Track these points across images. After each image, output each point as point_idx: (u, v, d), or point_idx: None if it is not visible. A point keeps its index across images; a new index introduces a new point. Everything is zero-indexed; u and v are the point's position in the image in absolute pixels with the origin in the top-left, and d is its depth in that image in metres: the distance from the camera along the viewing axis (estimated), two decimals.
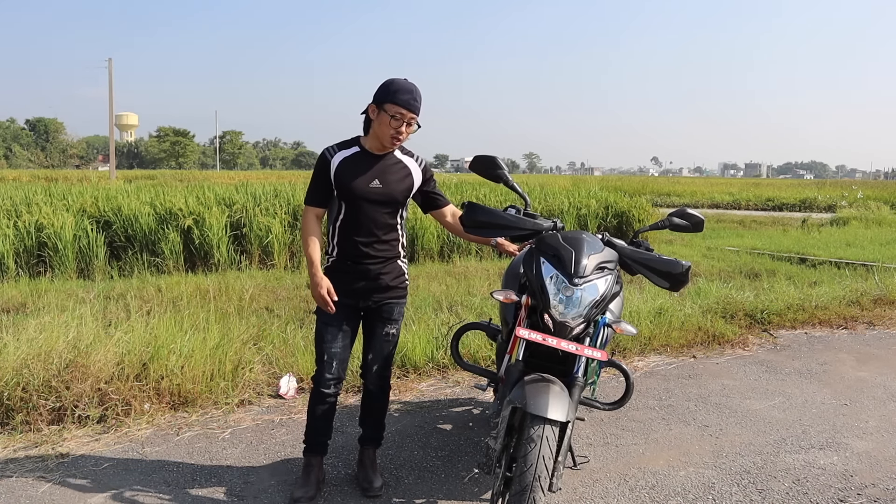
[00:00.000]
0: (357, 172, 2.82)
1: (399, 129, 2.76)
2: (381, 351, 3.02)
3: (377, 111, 2.77)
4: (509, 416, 2.49)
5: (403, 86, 2.74)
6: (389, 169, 2.87)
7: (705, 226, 3.07)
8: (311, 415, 3.00)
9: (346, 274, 2.90)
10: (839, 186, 35.17)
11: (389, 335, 3.02)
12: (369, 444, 3.15)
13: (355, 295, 2.92)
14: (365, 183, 2.82)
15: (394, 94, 2.73)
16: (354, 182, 2.81)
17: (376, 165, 2.85)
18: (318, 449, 3.03)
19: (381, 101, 2.75)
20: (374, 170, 2.84)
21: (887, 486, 3.21)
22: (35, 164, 78.33)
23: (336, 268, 2.93)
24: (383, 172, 2.85)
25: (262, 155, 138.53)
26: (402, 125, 2.76)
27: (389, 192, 2.86)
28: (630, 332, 2.76)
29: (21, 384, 3.62)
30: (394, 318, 3.01)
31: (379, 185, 2.84)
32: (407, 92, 2.73)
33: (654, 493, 3.09)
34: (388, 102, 2.73)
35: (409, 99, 2.73)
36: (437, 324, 5.33)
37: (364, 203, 2.83)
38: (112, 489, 3.01)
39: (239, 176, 38.46)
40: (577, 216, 12.58)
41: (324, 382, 2.93)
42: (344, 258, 2.91)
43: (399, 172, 2.90)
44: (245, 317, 5.30)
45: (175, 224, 9.66)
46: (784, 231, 15.66)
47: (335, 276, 2.91)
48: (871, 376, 4.86)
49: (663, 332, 5.52)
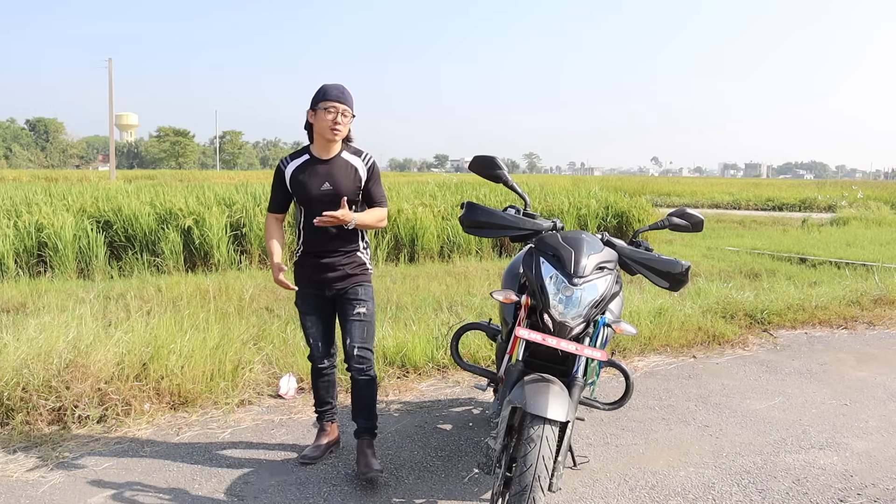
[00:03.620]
0: (308, 178, 3.12)
1: (335, 121, 3.04)
2: (355, 332, 3.17)
3: (314, 114, 3.08)
4: (509, 416, 2.49)
5: (331, 85, 3.09)
6: (337, 171, 3.13)
7: (705, 226, 3.07)
8: (315, 388, 3.42)
9: (310, 267, 3.22)
10: (839, 186, 35.13)
11: (360, 314, 3.19)
12: (364, 435, 3.26)
13: (321, 285, 3.22)
14: (316, 186, 3.10)
15: (324, 94, 3.06)
16: (307, 187, 3.11)
17: (325, 169, 3.13)
18: (326, 415, 3.43)
19: (314, 103, 3.08)
20: (324, 174, 3.12)
21: (887, 486, 3.21)
22: (35, 164, 78.44)
23: (302, 262, 3.25)
24: (332, 175, 3.12)
25: (262, 155, 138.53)
26: (337, 116, 3.04)
27: (339, 193, 3.09)
28: (630, 332, 2.76)
29: (21, 384, 3.62)
30: (360, 298, 3.21)
31: (329, 187, 3.10)
32: (335, 88, 3.07)
33: (654, 493, 3.09)
34: (321, 101, 3.05)
35: (337, 94, 3.06)
36: (437, 324, 5.33)
37: (318, 205, 3.08)
38: (112, 489, 3.02)
39: (239, 176, 38.47)
40: (577, 216, 12.57)
41: (316, 359, 3.35)
42: (308, 255, 3.21)
43: (347, 173, 3.14)
44: (245, 317, 5.30)
45: (175, 224, 9.66)
46: (784, 231, 15.66)
47: (302, 269, 3.25)
48: (871, 376, 4.86)
49: (663, 332, 5.52)
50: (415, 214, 10.84)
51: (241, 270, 9.31)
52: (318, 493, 3.02)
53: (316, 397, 3.43)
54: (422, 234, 10.60)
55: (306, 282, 3.24)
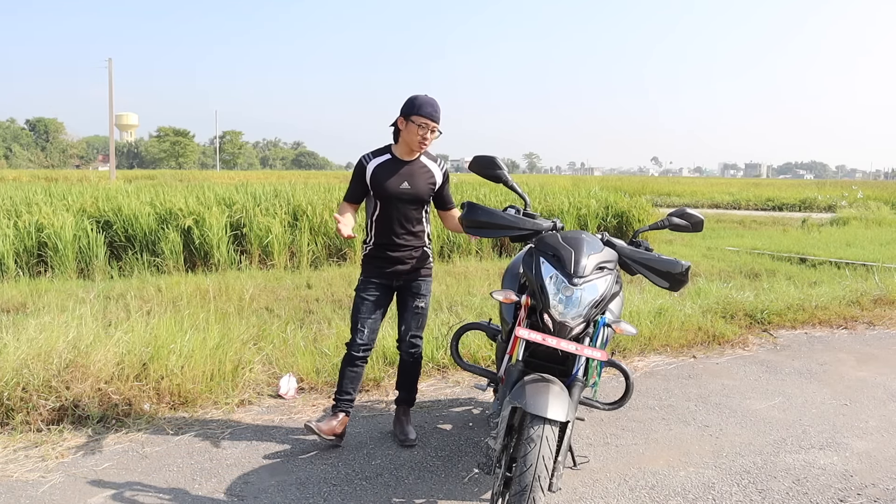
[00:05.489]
0: (389, 176, 3.34)
1: (424, 136, 3.29)
2: (411, 322, 3.51)
3: (405, 122, 3.29)
4: (509, 416, 2.49)
5: (426, 101, 3.29)
6: (417, 172, 3.39)
7: (705, 226, 3.07)
8: (341, 375, 3.47)
9: (381, 259, 3.44)
10: (839, 186, 35.12)
11: (419, 307, 3.51)
12: (403, 403, 3.65)
13: (389, 276, 3.45)
14: (396, 185, 3.34)
15: (419, 108, 3.26)
16: (388, 184, 3.33)
17: (405, 170, 3.37)
18: (342, 404, 3.48)
19: (408, 114, 3.28)
20: (404, 173, 3.36)
21: (887, 486, 3.21)
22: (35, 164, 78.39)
23: (373, 254, 3.46)
24: (412, 176, 3.37)
25: (262, 155, 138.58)
26: (428, 133, 3.29)
27: (417, 193, 3.37)
28: (630, 332, 2.76)
29: (21, 384, 3.62)
30: (422, 293, 3.51)
31: (408, 186, 3.35)
32: (429, 105, 3.28)
33: (654, 493, 3.09)
34: (415, 115, 3.26)
35: (431, 111, 3.27)
36: (437, 324, 5.33)
37: (396, 202, 3.36)
38: (112, 489, 3.02)
39: (239, 176, 38.49)
40: (577, 216, 12.56)
41: (355, 347, 3.42)
42: (380, 247, 3.43)
43: (425, 175, 3.41)
44: (245, 317, 5.30)
45: (175, 224, 9.65)
46: (784, 231, 15.66)
47: (373, 261, 3.46)
48: (871, 376, 4.86)
49: (663, 332, 5.52)
50: None
51: (241, 270, 9.31)
52: (318, 493, 3.02)
53: (339, 385, 3.47)
54: None
55: (375, 272, 3.44)
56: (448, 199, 3.56)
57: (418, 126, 3.25)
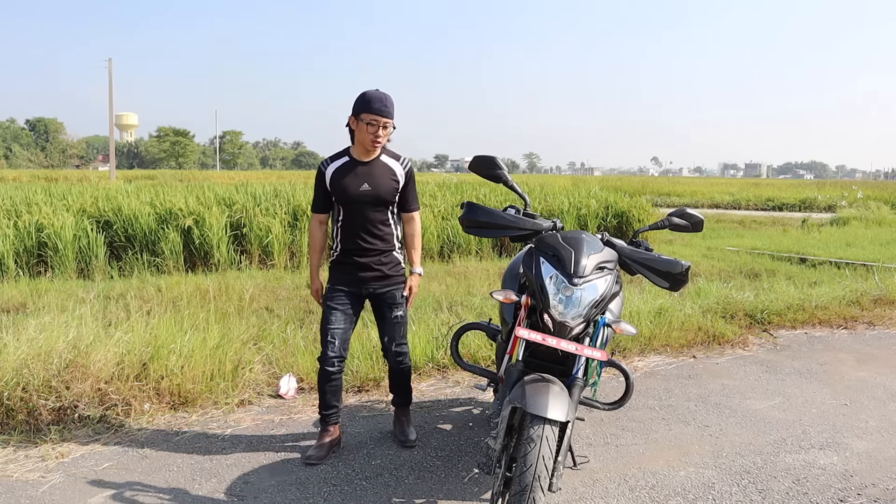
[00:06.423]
0: (349, 179, 3.22)
1: (376, 134, 3.14)
2: (393, 332, 3.42)
3: (356, 122, 3.17)
4: (509, 416, 2.49)
5: (375, 95, 3.14)
6: (377, 173, 3.25)
7: (705, 226, 3.07)
8: (321, 392, 3.39)
9: (348, 266, 3.32)
10: (839, 186, 35.09)
11: (397, 317, 3.40)
12: (400, 405, 3.62)
13: (358, 283, 3.33)
14: (356, 187, 3.22)
15: (367, 104, 3.12)
16: (347, 187, 3.22)
17: (364, 170, 3.24)
18: (329, 418, 3.42)
19: (357, 112, 3.15)
20: (363, 174, 3.23)
21: (887, 486, 3.21)
22: (35, 164, 78.43)
23: (340, 261, 3.36)
24: (371, 176, 3.23)
25: (262, 155, 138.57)
26: (379, 129, 3.14)
27: (378, 194, 3.23)
28: (630, 332, 2.76)
29: (21, 384, 3.62)
30: (398, 303, 3.39)
31: (368, 187, 3.22)
32: (378, 101, 3.12)
33: (654, 493, 3.09)
34: (364, 112, 3.12)
35: (380, 106, 3.12)
36: (437, 324, 5.33)
37: (358, 205, 3.23)
38: (112, 489, 3.02)
39: (239, 176, 38.45)
40: (577, 216, 12.57)
41: (328, 361, 3.30)
42: (346, 253, 3.32)
43: (386, 174, 3.27)
44: (245, 317, 5.30)
45: (175, 224, 9.66)
46: (784, 231, 15.66)
47: (340, 267, 3.35)
48: (871, 376, 4.86)
49: (663, 332, 5.52)
50: None
51: (241, 270, 9.31)
52: (319, 493, 3.02)
53: (321, 401, 3.40)
54: (422, 234, 10.58)
55: (343, 280, 3.33)
56: (410, 200, 3.37)
57: (367, 124, 3.11)
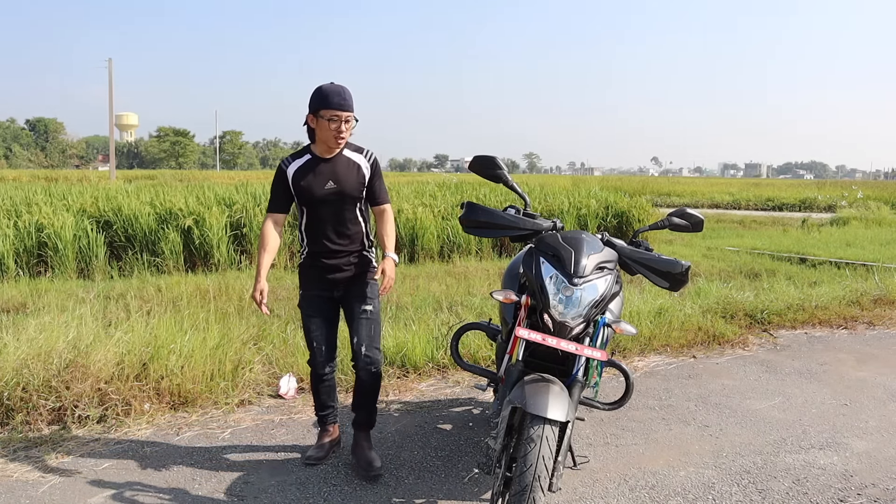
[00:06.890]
0: (311, 178, 3.05)
1: (339, 130, 2.97)
2: (361, 331, 3.15)
3: (315, 119, 2.99)
4: (509, 416, 2.49)
5: (332, 90, 2.95)
6: (341, 169, 3.08)
7: (705, 226, 3.07)
8: (315, 393, 3.36)
9: (317, 269, 3.16)
10: (839, 186, 35.09)
11: (366, 311, 3.16)
12: (363, 427, 3.30)
13: (329, 286, 3.18)
14: (320, 186, 3.05)
15: (326, 100, 2.94)
16: (311, 187, 3.04)
17: (327, 168, 3.06)
18: (326, 419, 3.39)
19: (315, 109, 2.97)
20: (326, 172, 3.06)
21: (887, 486, 3.21)
22: (35, 164, 78.40)
23: (308, 264, 3.20)
24: (335, 173, 3.06)
25: (262, 155, 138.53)
26: (341, 125, 2.97)
27: (344, 191, 3.06)
28: (630, 332, 2.76)
29: (21, 384, 3.62)
30: (367, 296, 3.18)
31: (333, 185, 3.05)
32: (336, 95, 2.94)
33: (654, 493, 3.09)
34: (323, 108, 2.94)
35: (339, 101, 2.94)
36: (437, 324, 5.33)
37: (323, 204, 3.07)
38: (112, 489, 3.01)
39: (239, 176, 38.42)
40: (577, 216, 12.57)
41: (318, 366, 3.25)
42: (314, 255, 3.16)
43: (351, 170, 3.09)
44: (245, 317, 5.30)
45: (175, 224, 9.66)
46: (784, 231, 15.65)
47: (309, 271, 3.20)
48: (871, 376, 4.86)
49: (663, 332, 5.52)
50: (415, 214, 10.84)
51: (241, 270, 9.31)
52: (319, 493, 3.02)
53: (317, 402, 3.38)
54: (422, 234, 10.60)
55: (313, 284, 3.18)
56: (379, 192, 3.17)
57: (329, 120, 2.93)
